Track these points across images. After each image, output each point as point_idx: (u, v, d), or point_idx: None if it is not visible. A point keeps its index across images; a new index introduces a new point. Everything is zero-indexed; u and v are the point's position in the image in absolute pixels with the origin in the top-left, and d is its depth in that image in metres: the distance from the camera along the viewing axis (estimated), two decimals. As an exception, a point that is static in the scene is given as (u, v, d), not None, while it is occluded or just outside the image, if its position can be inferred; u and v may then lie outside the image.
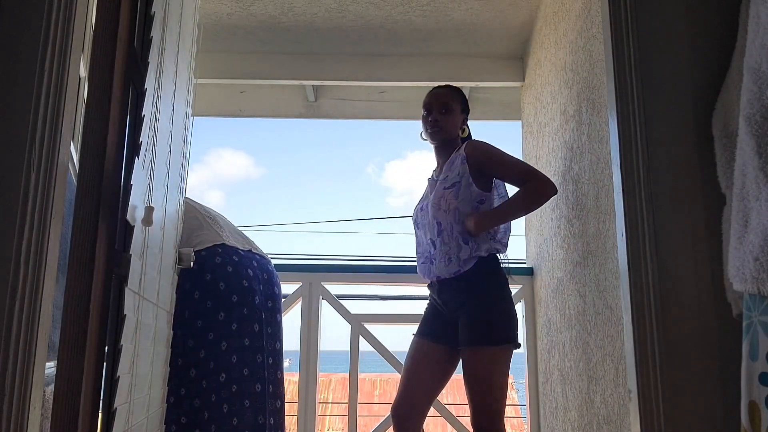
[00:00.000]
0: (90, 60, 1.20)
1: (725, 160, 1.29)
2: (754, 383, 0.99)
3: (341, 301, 3.05)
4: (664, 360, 1.32)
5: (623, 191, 1.42)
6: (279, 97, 3.78)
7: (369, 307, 4.40)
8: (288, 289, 3.00)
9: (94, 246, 1.12)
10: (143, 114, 1.30)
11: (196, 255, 1.87)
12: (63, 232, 1.04)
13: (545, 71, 2.86)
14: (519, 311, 3.08)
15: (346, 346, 2.98)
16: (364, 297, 3.81)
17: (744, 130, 1.04)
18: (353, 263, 5.11)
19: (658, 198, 1.39)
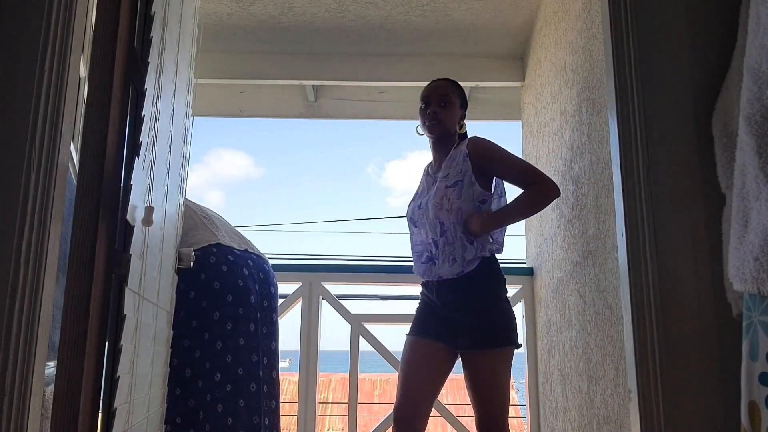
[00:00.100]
0: (90, 60, 1.20)
1: (725, 160, 1.29)
2: (754, 383, 0.99)
3: (341, 301, 3.05)
4: (664, 360, 1.32)
5: (623, 191, 1.42)
6: (279, 97, 3.78)
7: (369, 307, 4.40)
8: (288, 289, 3.00)
9: (94, 246, 1.12)
10: (143, 114, 1.30)
11: None
12: (63, 232, 1.04)
13: (545, 71, 2.86)
14: (519, 311, 3.09)
15: (346, 346, 2.98)
16: (364, 297, 3.81)
17: (744, 130, 1.04)
18: (353, 263, 5.11)
19: (658, 198, 1.39)
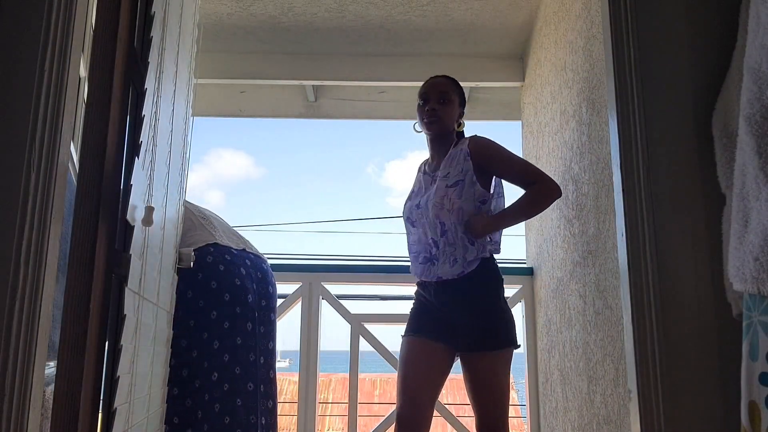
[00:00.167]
0: (90, 60, 1.20)
1: (725, 160, 1.29)
2: (754, 383, 0.99)
3: (341, 301, 3.05)
4: (664, 360, 1.32)
5: (623, 191, 1.42)
6: (279, 97, 3.78)
7: (369, 307, 4.40)
8: (288, 289, 3.00)
9: (94, 246, 1.12)
10: (143, 114, 1.30)
11: None
12: (63, 232, 1.04)
13: (545, 71, 2.86)
14: (519, 311, 3.09)
15: (346, 346, 2.98)
16: (364, 297, 3.81)
17: (744, 130, 1.04)
18: (353, 263, 5.12)
19: (658, 198, 1.39)
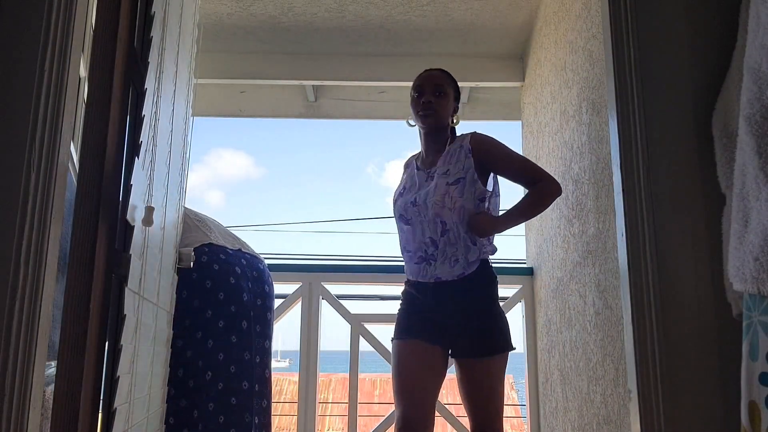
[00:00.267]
0: (90, 60, 1.20)
1: (725, 160, 1.29)
2: (754, 383, 0.99)
3: (341, 301, 3.05)
4: (664, 360, 1.32)
5: (623, 191, 1.42)
6: (279, 97, 3.78)
7: (369, 307, 4.40)
8: (288, 289, 3.00)
9: (94, 246, 1.12)
10: (143, 114, 1.30)
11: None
12: (63, 232, 1.04)
13: (545, 71, 2.86)
14: (519, 311, 3.09)
15: (346, 346, 2.98)
16: (364, 297, 3.81)
17: (744, 130, 1.04)
18: (353, 263, 5.12)
19: (658, 198, 1.39)
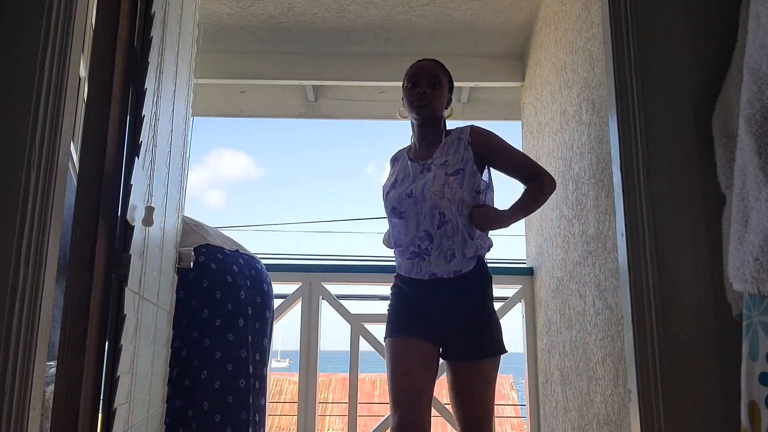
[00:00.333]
0: (90, 60, 1.20)
1: (725, 160, 1.29)
2: (754, 383, 0.99)
3: (341, 301, 3.05)
4: (664, 360, 1.32)
5: (623, 191, 1.42)
6: (279, 97, 3.78)
7: (369, 307, 4.40)
8: (288, 289, 3.00)
9: (94, 246, 1.12)
10: (143, 114, 1.30)
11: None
12: (63, 232, 1.04)
13: (545, 71, 2.86)
14: (519, 311, 3.09)
15: (346, 346, 2.98)
16: (364, 297, 3.81)
17: (744, 130, 1.04)
18: (353, 263, 5.11)
19: (658, 198, 1.39)
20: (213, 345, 1.90)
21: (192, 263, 1.85)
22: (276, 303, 2.76)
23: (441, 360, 1.92)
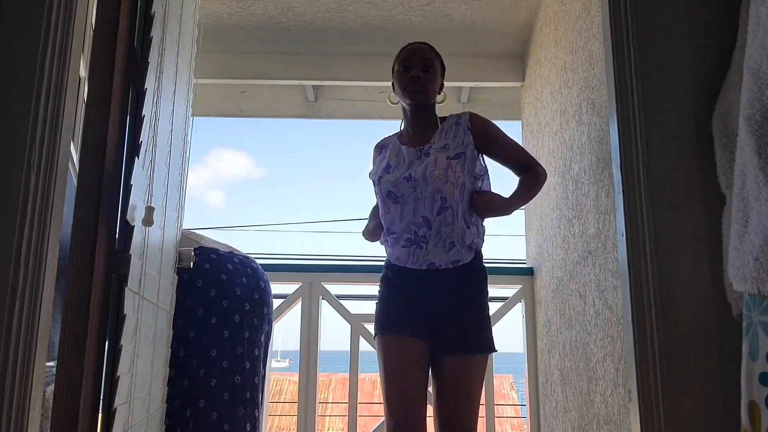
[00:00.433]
0: (90, 60, 1.20)
1: (725, 160, 1.29)
2: (754, 383, 0.99)
3: (341, 301, 3.05)
4: (664, 360, 1.32)
5: (623, 191, 1.42)
6: (279, 97, 3.78)
7: (369, 307, 4.39)
8: (288, 289, 3.00)
9: (94, 246, 1.12)
10: (143, 114, 1.30)
11: None
12: (63, 232, 1.04)
13: (545, 71, 2.86)
14: (519, 311, 3.09)
15: (346, 346, 2.98)
16: (364, 297, 3.81)
17: (744, 130, 1.04)
18: (353, 263, 5.10)
19: (658, 198, 1.39)
20: (209, 343, 1.91)
21: (192, 263, 1.86)
22: (276, 303, 2.76)
23: None
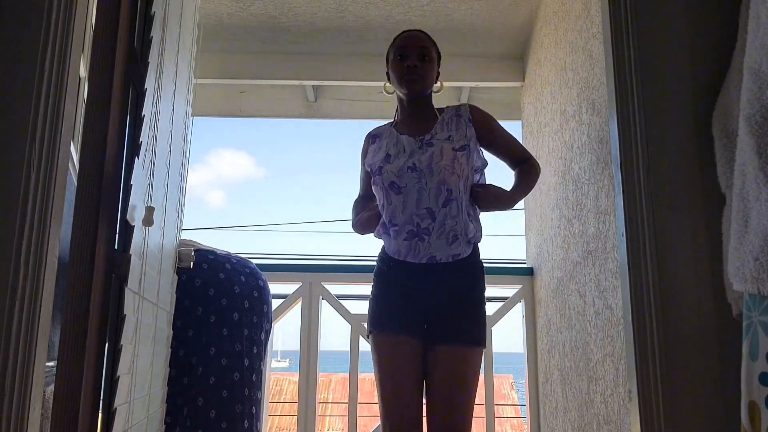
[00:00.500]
0: (90, 60, 1.20)
1: (725, 160, 1.29)
2: (754, 383, 0.99)
3: (341, 301, 3.05)
4: (664, 360, 1.32)
5: (623, 191, 1.42)
6: (279, 97, 3.78)
7: (369, 308, 4.39)
8: (288, 289, 3.00)
9: (94, 246, 1.12)
10: (143, 114, 1.30)
11: None
12: (63, 232, 1.04)
13: (545, 71, 2.86)
14: (519, 311, 3.09)
15: (346, 346, 2.98)
16: (364, 297, 3.81)
17: (744, 130, 1.04)
18: (353, 263, 5.10)
19: (658, 198, 1.39)
20: (208, 342, 1.93)
21: (192, 263, 1.86)
22: (276, 303, 2.76)
23: None
